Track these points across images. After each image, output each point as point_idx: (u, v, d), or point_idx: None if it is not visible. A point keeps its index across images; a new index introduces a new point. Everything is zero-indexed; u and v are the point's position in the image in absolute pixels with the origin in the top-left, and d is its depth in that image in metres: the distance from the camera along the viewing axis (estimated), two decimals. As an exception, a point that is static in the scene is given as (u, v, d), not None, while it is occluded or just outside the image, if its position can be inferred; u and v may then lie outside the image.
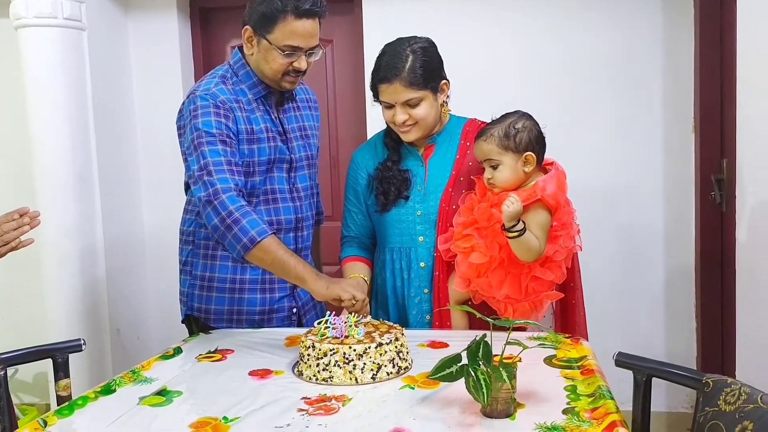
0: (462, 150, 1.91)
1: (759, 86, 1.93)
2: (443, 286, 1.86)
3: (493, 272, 1.75)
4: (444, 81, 1.87)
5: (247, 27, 1.83)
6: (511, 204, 1.65)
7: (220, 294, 1.93)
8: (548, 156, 1.85)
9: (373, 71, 1.85)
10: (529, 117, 1.80)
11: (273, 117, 1.92)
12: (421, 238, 1.88)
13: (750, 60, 2.00)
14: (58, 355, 1.69)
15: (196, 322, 1.98)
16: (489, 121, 1.84)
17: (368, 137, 2.93)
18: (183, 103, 1.87)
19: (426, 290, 1.88)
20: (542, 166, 1.82)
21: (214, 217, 1.72)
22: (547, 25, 2.92)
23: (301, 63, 1.82)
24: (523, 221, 1.67)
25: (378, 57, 1.86)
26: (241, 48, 1.91)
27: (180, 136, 1.88)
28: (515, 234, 1.66)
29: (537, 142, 1.76)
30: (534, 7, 2.91)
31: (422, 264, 1.88)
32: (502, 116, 1.80)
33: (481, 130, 1.81)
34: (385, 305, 1.95)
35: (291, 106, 1.99)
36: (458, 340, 1.65)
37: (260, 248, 1.70)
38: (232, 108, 1.81)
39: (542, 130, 1.80)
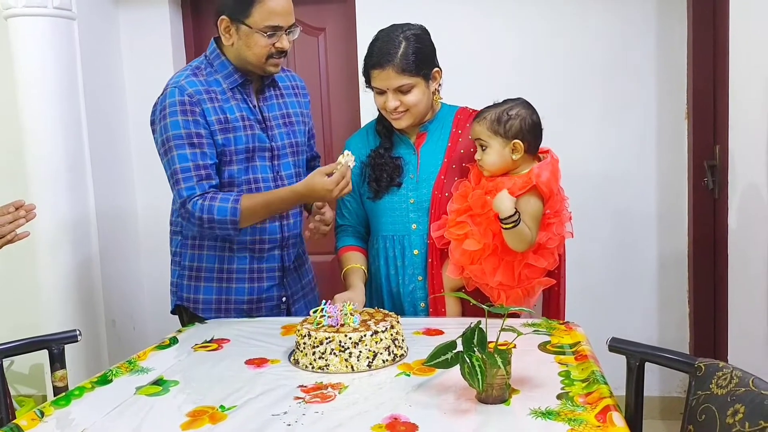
0: (453, 138, 1.91)
1: (752, 73, 1.93)
2: (437, 274, 1.87)
3: (487, 259, 1.76)
4: (436, 69, 1.87)
5: (222, 17, 1.82)
6: (500, 202, 1.68)
7: (208, 283, 1.94)
8: (543, 143, 1.85)
9: (365, 57, 1.85)
10: (527, 106, 1.80)
11: (251, 105, 1.91)
12: (414, 226, 1.89)
13: (743, 47, 2.00)
14: (54, 346, 1.69)
15: (186, 312, 1.99)
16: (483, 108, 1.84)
17: (362, 125, 2.93)
18: (157, 98, 1.88)
19: (420, 278, 1.89)
20: (536, 156, 1.82)
21: (193, 226, 1.82)
22: (540, 12, 2.91)
23: (284, 42, 1.82)
24: (517, 211, 1.68)
25: (371, 43, 1.85)
26: (217, 39, 1.90)
27: (153, 133, 1.89)
28: (510, 225, 1.67)
29: (529, 132, 1.77)
30: (528, -4, 2.91)
31: (416, 251, 1.89)
32: (503, 101, 1.81)
33: (480, 110, 1.82)
34: (379, 293, 1.96)
35: (273, 93, 1.98)
36: (453, 327, 1.66)
37: (244, 218, 1.79)
38: (199, 100, 1.81)
39: (540, 120, 1.79)
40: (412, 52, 1.79)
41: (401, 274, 1.91)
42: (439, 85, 1.91)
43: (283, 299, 2.01)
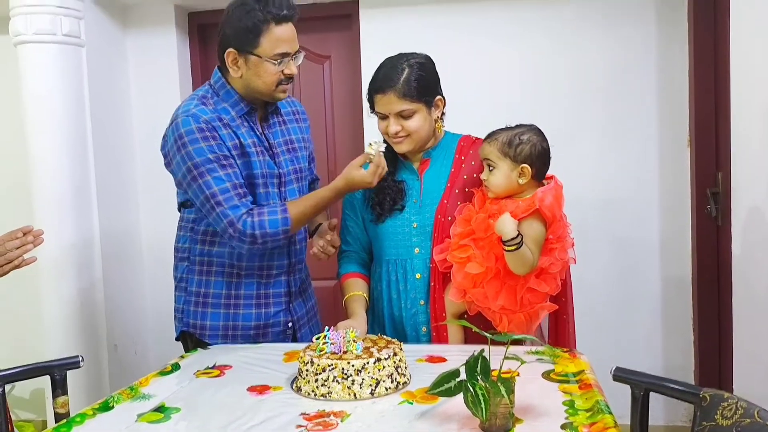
0: (457, 164, 1.93)
1: (753, 100, 1.95)
2: (439, 297, 1.87)
3: (489, 283, 1.76)
4: (439, 97, 1.90)
5: (230, 50, 1.83)
6: (502, 224, 1.69)
7: (215, 309, 1.94)
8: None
9: (370, 82, 1.89)
10: (538, 133, 1.82)
11: (258, 133, 1.92)
12: (416, 250, 1.89)
13: (744, 74, 2.02)
14: (57, 372, 1.68)
15: (191, 339, 1.98)
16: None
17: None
18: (167, 129, 1.88)
19: (422, 302, 1.89)
20: (541, 182, 1.83)
21: (243, 245, 1.81)
22: (542, 40, 2.94)
23: (292, 68, 1.85)
24: (520, 233, 1.69)
25: (376, 69, 1.89)
26: (220, 68, 1.91)
27: (168, 164, 1.88)
28: (513, 247, 1.68)
29: (537, 158, 1.78)
30: (530, 23, 2.94)
31: (418, 275, 1.89)
32: (516, 125, 1.83)
33: (490, 132, 1.84)
34: (381, 318, 1.96)
35: (276, 120, 2.00)
36: (456, 354, 1.66)
37: (295, 224, 1.84)
38: (215, 127, 1.82)
39: (549, 148, 1.81)
40: (415, 78, 1.82)
41: (403, 299, 1.91)
42: (443, 113, 1.94)
43: (289, 324, 2.01)
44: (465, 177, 1.90)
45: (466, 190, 1.89)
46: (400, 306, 1.91)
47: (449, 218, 1.86)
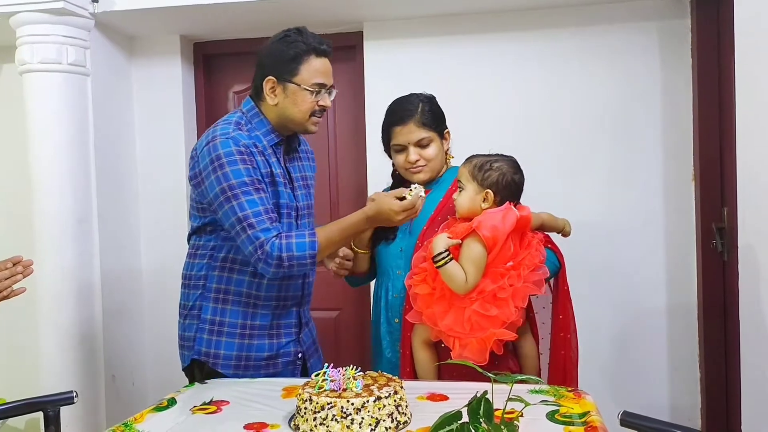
0: (449, 194, 2.00)
1: (759, 134, 1.94)
2: (406, 319, 1.91)
3: (438, 302, 1.80)
4: (447, 130, 2.04)
5: (269, 78, 1.89)
6: (435, 242, 1.76)
7: (229, 339, 1.93)
8: (549, 204, 1.86)
9: (385, 118, 2.01)
10: (512, 164, 1.87)
11: (282, 165, 1.96)
12: (398, 272, 1.98)
13: (749, 109, 2.02)
14: (50, 408, 1.65)
15: (202, 368, 1.96)
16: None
17: (368, 184, 2.95)
18: (199, 149, 1.88)
19: (396, 320, 1.97)
20: None
21: (269, 267, 1.81)
22: (546, 75, 2.94)
23: (326, 100, 1.92)
24: (447, 250, 1.75)
25: (389, 108, 2.02)
26: (252, 96, 1.95)
27: (198, 185, 1.88)
28: (439, 262, 1.75)
29: (504, 188, 1.83)
30: (534, 57, 2.94)
31: (395, 295, 1.98)
32: (495, 153, 1.90)
33: (471, 155, 1.93)
34: (377, 330, 2.05)
35: (296, 156, 2.05)
36: (457, 392, 1.63)
37: (322, 249, 1.83)
38: (252, 152, 1.86)
39: (522, 182, 1.87)
40: (429, 109, 1.99)
41: (383, 315, 2.01)
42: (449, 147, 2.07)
43: (299, 355, 2.03)
44: (451, 205, 1.95)
45: (448, 217, 1.95)
46: (381, 321, 2.02)
47: (426, 243, 1.91)
